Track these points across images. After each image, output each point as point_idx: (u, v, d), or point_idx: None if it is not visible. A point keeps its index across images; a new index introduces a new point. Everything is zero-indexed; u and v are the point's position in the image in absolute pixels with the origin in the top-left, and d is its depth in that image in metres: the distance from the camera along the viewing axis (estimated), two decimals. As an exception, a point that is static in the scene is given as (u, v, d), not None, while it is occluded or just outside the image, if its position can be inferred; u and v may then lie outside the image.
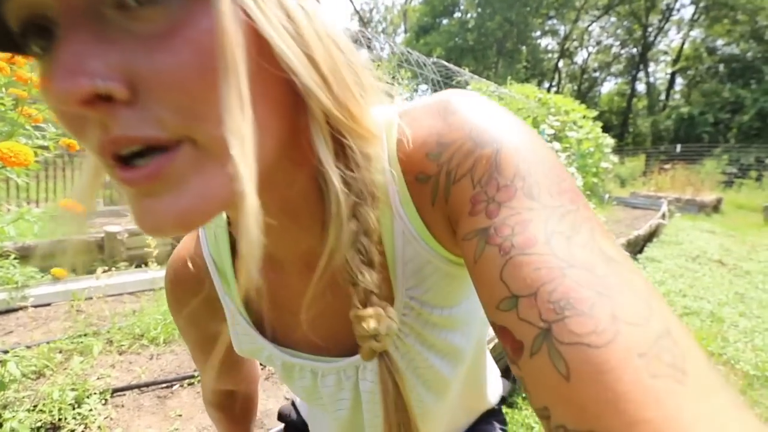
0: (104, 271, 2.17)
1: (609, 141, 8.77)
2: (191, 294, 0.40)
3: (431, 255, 0.33)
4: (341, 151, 0.28)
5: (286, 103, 0.25)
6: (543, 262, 0.22)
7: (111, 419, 1.42)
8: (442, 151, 0.29)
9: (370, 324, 0.29)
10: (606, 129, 9.06)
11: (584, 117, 8.42)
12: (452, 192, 0.28)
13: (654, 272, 4.12)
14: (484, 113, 0.29)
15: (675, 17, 25.20)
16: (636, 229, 5.49)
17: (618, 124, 26.53)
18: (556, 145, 7.06)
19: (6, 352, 1.46)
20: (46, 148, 1.32)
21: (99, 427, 1.32)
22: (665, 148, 18.37)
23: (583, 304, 0.20)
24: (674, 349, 0.19)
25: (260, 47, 0.22)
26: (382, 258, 0.33)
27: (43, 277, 2.70)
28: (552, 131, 7.40)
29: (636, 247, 4.95)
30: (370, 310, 0.29)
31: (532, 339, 0.21)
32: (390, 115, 0.32)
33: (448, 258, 0.33)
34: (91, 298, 2.30)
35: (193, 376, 1.66)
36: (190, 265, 0.40)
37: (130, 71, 0.19)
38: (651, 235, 5.70)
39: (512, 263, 0.23)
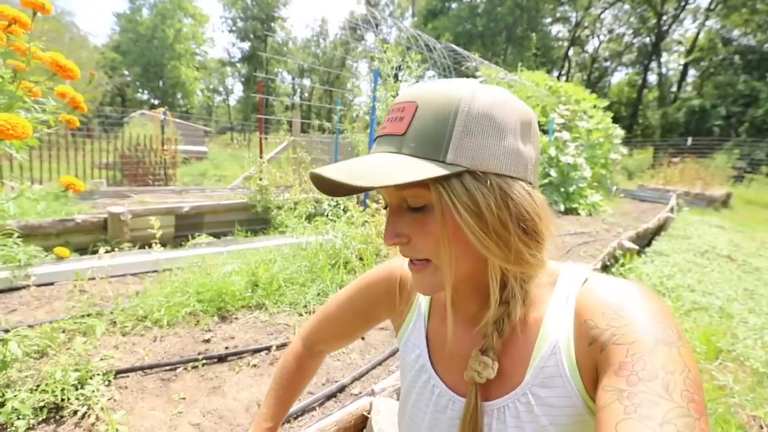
0: (107, 252, 2.14)
1: (619, 132, 8.60)
2: (397, 287, 0.63)
3: (565, 373, 0.44)
4: (507, 276, 0.47)
5: (476, 253, 0.44)
6: None
7: (114, 401, 1.40)
8: (617, 318, 0.40)
9: (478, 363, 0.48)
10: (615, 120, 8.89)
11: (595, 107, 8.24)
12: (609, 348, 0.39)
13: (662, 266, 4.06)
14: (663, 313, 0.40)
15: (691, 5, 24.51)
16: (644, 222, 5.42)
17: (627, 115, 26.08)
18: (566, 134, 6.92)
19: (7, 331, 1.44)
20: (46, 122, 1.26)
21: (102, 408, 1.30)
22: (674, 141, 18.07)
23: None
24: None
25: (460, 229, 0.43)
26: (529, 349, 0.47)
27: (46, 256, 2.68)
28: (562, 120, 7.25)
29: (644, 240, 4.89)
30: (485, 357, 0.48)
31: None
32: (583, 271, 0.49)
33: (580, 390, 0.43)
34: (94, 279, 2.28)
35: (197, 359, 1.64)
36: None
37: (408, 232, 0.46)
38: (659, 229, 5.62)
39: (629, 422, 0.32)
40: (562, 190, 6.68)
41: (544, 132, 7.14)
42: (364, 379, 1.60)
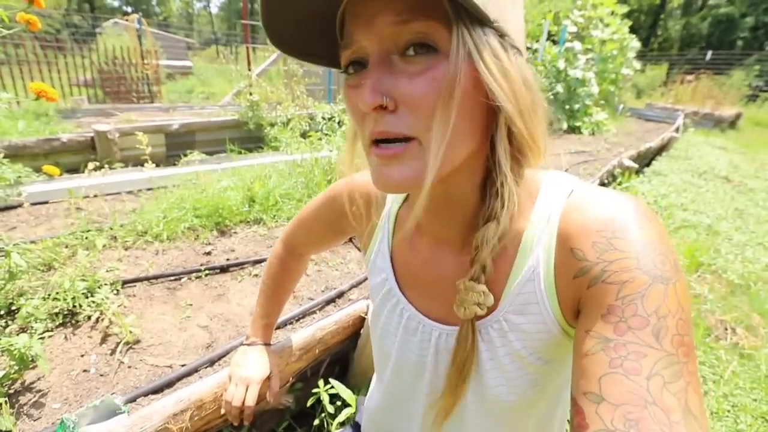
0: (94, 168, 2.09)
1: (635, 44, 7.95)
2: (357, 201, 0.56)
3: (543, 300, 0.40)
4: (516, 166, 0.39)
5: (483, 125, 0.37)
6: (636, 390, 0.28)
7: (125, 307, 1.48)
8: (608, 250, 0.34)
9: (478, 295, 0.40)
10: (632, 30, 8.15)
11: (613, 13, 7.49)
12: (598, 287, 0.34)
13: (659, 186, 4.08)
14: (661, 240, 0.34)
15: None
16: (646, 142, 5.30)
17: (646, 25, 23.95)
18: (578, 45, 6.39)
19: (15, 244, 1.45)
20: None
21: (114, 313, 1.37)
22: (692, 56, 16.88)
23: None
24: None
25: (476, 84, 0.33)
26: (506, 272, 0.42)
27: (39, 176, 2.63)
28: (575, 29, 6.63)
29: (645, 160, 4.83)
30: (481, 286, 0.41)
31: (597, 429, 0.29)
32: (567, 181, 0.42)
33: (557, 318, 0.40)
34: (88, 197, 2.27)
35: (200, 270, 1.70)
36: (367, 190, 0.57)
37: (397, 93, 0.34)
38: (661, 149, 5.53)
39: (613, 377, 0.30)
40: (567, 107, 6.40)
41: (554, 42, 6.59)
42: (361, 286, 1.68)
